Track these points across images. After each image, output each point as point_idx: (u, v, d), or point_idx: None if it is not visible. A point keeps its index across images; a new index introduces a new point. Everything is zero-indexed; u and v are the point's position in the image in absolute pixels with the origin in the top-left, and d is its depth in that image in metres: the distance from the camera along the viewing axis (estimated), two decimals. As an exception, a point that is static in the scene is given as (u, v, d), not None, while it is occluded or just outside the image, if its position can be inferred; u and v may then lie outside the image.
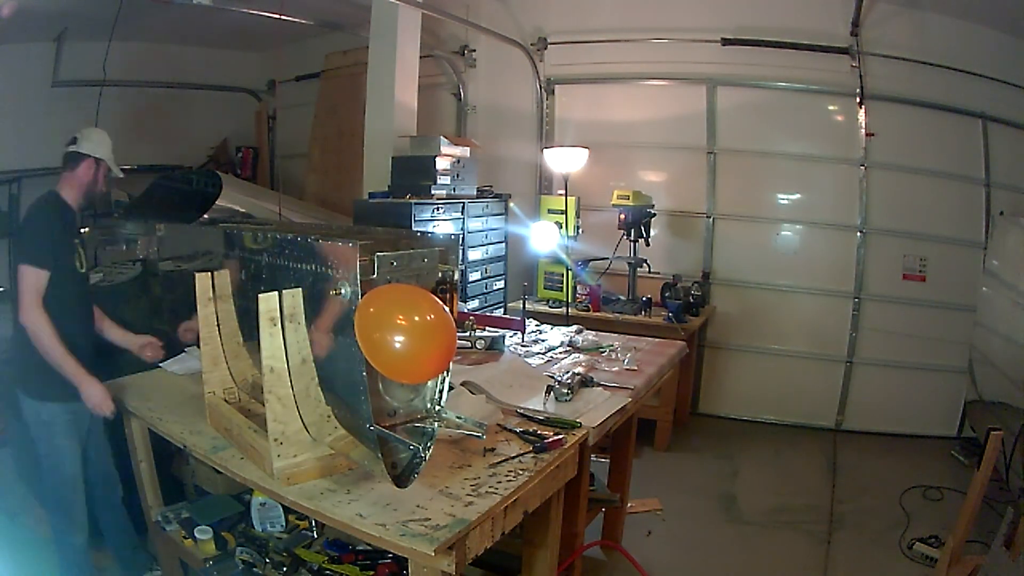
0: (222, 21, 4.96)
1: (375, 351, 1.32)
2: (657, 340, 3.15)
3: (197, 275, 1.99)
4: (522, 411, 2.08)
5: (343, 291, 1.45)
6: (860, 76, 4.30)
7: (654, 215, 4.48)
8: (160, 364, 2.45)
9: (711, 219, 4.77)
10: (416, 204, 3.59)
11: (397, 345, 1.29)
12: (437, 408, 1.60)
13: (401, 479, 1.50)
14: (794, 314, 4.71)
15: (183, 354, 2.54)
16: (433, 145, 3.86)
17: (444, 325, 1.33)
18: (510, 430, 1.93)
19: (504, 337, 2.85)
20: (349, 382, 1.49)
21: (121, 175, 2.47)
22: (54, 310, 2.14)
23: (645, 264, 4.50)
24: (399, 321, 1.30)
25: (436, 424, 1.59)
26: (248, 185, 5.40)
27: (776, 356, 4.75)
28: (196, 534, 2.17)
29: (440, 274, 1.59)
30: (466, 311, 3.36)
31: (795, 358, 4.70)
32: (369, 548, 2.07)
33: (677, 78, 4.76)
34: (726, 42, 4.53)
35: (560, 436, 1.86)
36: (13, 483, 3.12)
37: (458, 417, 1.61)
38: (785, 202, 4.71)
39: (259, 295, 1.58)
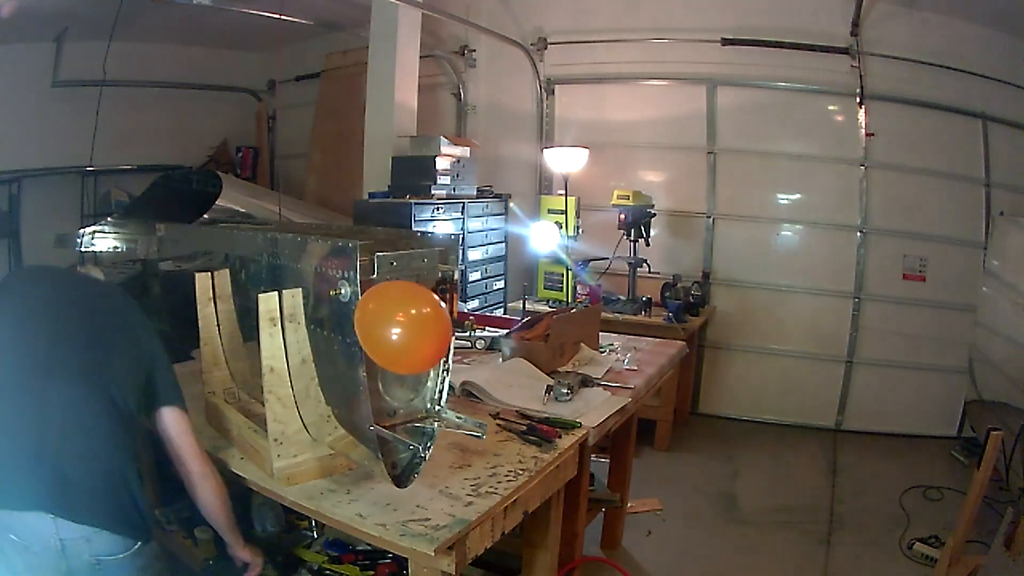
0: (222, 21, 4.96)
1: (374, 345, 1.36)
2: (657, 340, 3.14)
3: (197, 275, 1.98)
4: (522, 411, 2.08)
5: (343, 291, 1.45)
6: (860, 76, 4.29)
7: (654, 215, 4.48)
8: None
9: (711, 219, 4.76)
10: (416, 204, 3.59)
11: (395, 337, 1.33)
12: (437, 408, 1.60)
13: (401, 479, 1.50)
14: (794, 314, 4.70)
15: None
16: (433, 145, 3.86)
17: (439, 317, 1.38)
18: (510, 430, 1.93)
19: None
20: (349, 382, 1.49)
21: None
22: None
23: (645, 264, 4.49)
24: (397, 316, 1.33)
25: (436, 424, 1.59)
26: (248, 185, 5.39)
27: (776, 356, 4.74)
28: (196, 534, 2.16)
29: (440, 274, 1.59)
30: (466, 311, 3.36)
31: (795, 358, 4.70)
32: (369, 548, 2.07)
33: (677, 78, 4.76)
34: (726, 42, 4.53)
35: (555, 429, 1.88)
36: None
37: (458, 417, 1.62)
38: (785, 202, 4.70)
39: (259, 295, 1.58)
